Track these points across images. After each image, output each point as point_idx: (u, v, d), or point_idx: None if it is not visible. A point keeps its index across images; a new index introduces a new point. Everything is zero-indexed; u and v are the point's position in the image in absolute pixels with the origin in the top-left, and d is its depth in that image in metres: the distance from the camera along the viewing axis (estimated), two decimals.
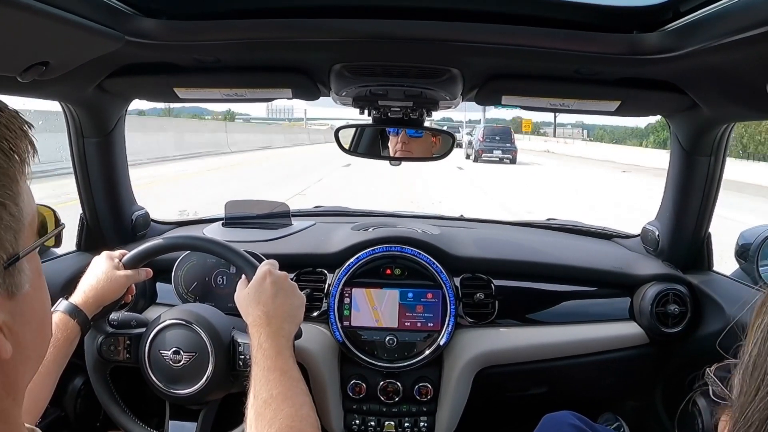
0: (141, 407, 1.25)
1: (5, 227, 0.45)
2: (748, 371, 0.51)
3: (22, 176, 0.47)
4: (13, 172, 0.46)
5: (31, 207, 0.49)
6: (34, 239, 0.50)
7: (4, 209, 0.44)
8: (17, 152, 0.46)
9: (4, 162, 0.45)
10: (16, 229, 0.46)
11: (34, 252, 0.50)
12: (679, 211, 1.46)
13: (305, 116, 73.44)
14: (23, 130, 0.47)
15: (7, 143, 0.45)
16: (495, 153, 21.62)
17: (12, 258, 0.46)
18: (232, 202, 1.73)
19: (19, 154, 0.46)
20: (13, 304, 0.47)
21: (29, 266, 0.49)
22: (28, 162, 0.47)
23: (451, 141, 1.51)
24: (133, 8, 0.90)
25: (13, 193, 0.45)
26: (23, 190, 0.47)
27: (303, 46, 1.04)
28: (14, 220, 0.46)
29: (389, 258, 1.45)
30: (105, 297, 1.13)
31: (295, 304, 1.07)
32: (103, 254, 1.19)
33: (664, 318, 1.42)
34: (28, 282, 0.48)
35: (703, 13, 0.80)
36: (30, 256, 0.49)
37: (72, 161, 1.47)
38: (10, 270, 0.46)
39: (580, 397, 1.68)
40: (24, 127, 0.47)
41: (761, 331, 0.52)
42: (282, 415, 0.85)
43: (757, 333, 0.52)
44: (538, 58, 1.02)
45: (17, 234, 0.46)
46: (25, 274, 0.48)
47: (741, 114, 1.22)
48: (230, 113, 60.20)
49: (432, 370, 1.45)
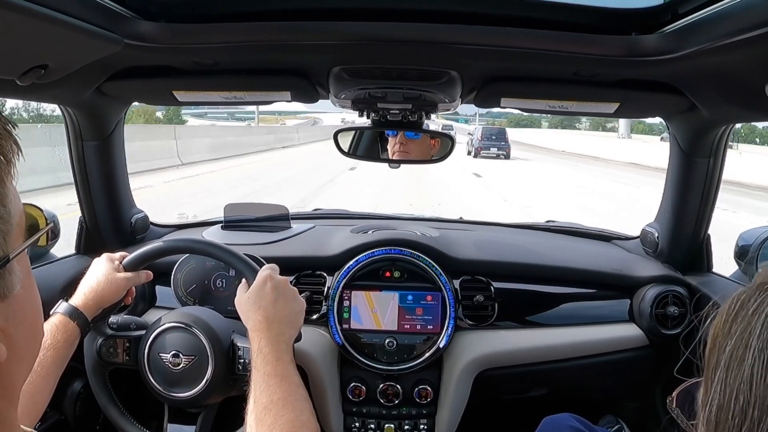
0: (140, 410, 1.25)
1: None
2: (711, 427, 0.45)
3: (8, 177, 0.46)
4: (0, 174, 0.45)
5: (18, 207, 0.48)
6: (22, 239, 0.49)
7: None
8: (2, 153, 0.45)
9: None
10: (5, 231, 0.45)
11: (23, 252, 0.49)
12: (678, 213, 1.46)
13: (256, 111, 54.22)
14: (7, 130, 0.46)
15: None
16: (492, 150, 24.21)
17: (2, 260, 0.45)
18: (231, 205, 1.73)
19: (4, 154, 0.45)
20: (5, 306, 0.47)
21: (19, 267, 0.48)
22: (14, 162, 0.46)
23: (450, 143, 1.51)
24: (132, 11, 0.90)
25: (0, 195, 0.45)
26: (9, 191, 0.46)
27: (302, 49, 1.04)
28: (2, 222, 0.45)
29: (389, 260, 1.45)
30: (105, 299, 1.13)
31: (296, 309, 1.07)
32: (104, 256, 1.19)
33: (663, 320, 1.42)
34: (19, 283, 0.48)
35: (701, 15, 0.80)
36: (20, 256, 0.48)
37: (71, 164, 1.47)
38: (1, 272, 0.45)
39: (579, 399, 1.68)
40: (8, 127, 0.46)
41: (718, 379, 0.45)
42: (282, 420, 0.85)
43: (715, 380, 0.45)
44: (537, 60, 1.02)
45: (6, 236, 0.46)
46: (15, 275, 0.47)
47: (740, 115, 1.23)
48: (174, 113, 43.85)
49: (432, 372, 1.44)
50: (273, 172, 15.60)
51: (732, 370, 0.44)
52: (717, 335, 0.47)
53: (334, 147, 1.50)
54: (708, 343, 0.48)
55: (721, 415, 0.44)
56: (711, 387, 0.46)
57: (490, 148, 24.15)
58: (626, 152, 26.63)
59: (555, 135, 42.65)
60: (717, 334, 0.48)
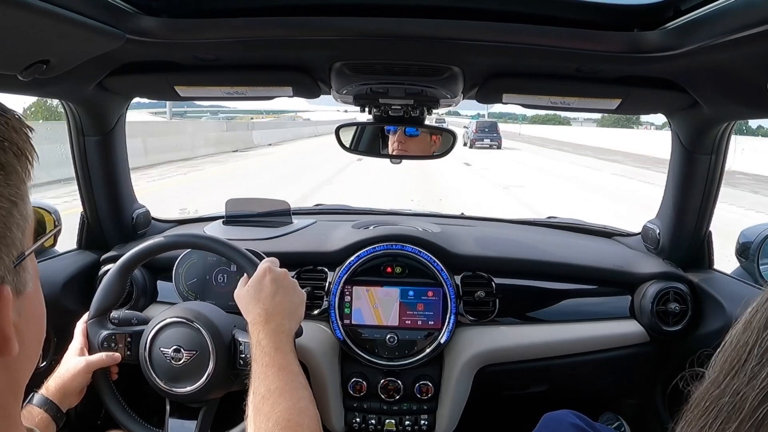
0: (141, 405, 1.25)
1: (16, 226, 0.46)
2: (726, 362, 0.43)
3: (28, 177, 0.48)
4: (23, 174, 0.47)
5: (30, 207, 0.50)
6: (33, 238, 0.51)
7: (15, 208, 0.46)
8: (25, 154, 0.47)
9: (15, 162, 0.46)
10: (24, 228, 0.47)
11: (32, 253, 0.51)
12: (679, 210, 1.46)
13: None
14: (25, 132, 0.48)
15: (17, 145, 0.46)
16: (485, 141, 27.48)
17: (20, 256, 0.47)
18: (232, 200, 1.73)
19: (27, 155, 0.47)
20: (19, 303, 0.48)
21: (31, 265, 0.50)
22: (32, 164, 0.48)
23: (452, 139, 1.51)
24: (134, 6, 0.90)
25: (22, 193, 0.47)
26: (28, 190, 0.48)
27: (304, 45, 1.04)
28: (23, 219, 0.47)
29: (390, 256, 1.45)
30: (67, 387, 1.11)
31: (295, 301, 1.07)
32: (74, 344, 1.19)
33: (664, 316, 1.43)
34: (31, 281, 0.50)
35: (703, 12, 0.79)
36: (30, 256, 0.50)
37: (72, 160, 1.48)
38: (17, 268, 0.47)
39: (580, 396, 1.68)
40: (26, 130, 0.48)
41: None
42: (279, 408, 0.85)
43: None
44: (538, 56, 1.02)
45: (24, 232, 0.47)
46: (29, 273, 0.49)
47: (741, 112, 1.22)
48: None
49: (432, 368, 1.45)
50: None
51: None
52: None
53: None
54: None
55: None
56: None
57: (483, 139, 27.30)
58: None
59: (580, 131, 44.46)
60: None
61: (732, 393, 0.41)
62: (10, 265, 0.46)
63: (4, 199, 0.45)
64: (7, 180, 0.45)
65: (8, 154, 0.45)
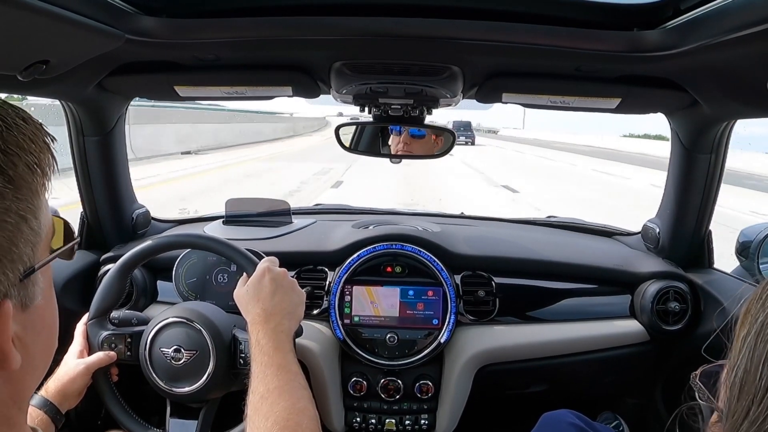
0: (141, 405, 1.25)
1: (25, 241, 0.45)
2: (735, 390, 0.48)
3: (44, 189, 0.47)
4: (36, 187, 0.46)
5: (48, 219, 0.49)
6: (48, 251, 0.50)
7: (25, 223, 0.45)
8: (40, 166, 0.46)
9: (28, 176, 0.45)
10: (34, 243, 0.46)
11: (48, 264, 0.50)
12: (679, 209, 1.46)
13: None
14: (46, 143, 0.47)
15: (32, 157, 0.45)
16: (461, 139, 32.47)
17: (28, 270, 0.46)
18: (232, 200, 1.73)
19: (42, 168, 0.46)
20: (25, 316, 0.47)
21: (43, 278, 0.49)
22: (49, 176, 0.47)
23: (452, 138, 1.51)
24: (133, 6, 0.90)
25: (34, 207, 0.46)
26: (42, 203, 0.47)
27: (303, 44, 1.04)
28: (33, 234, 0.46)
29: (390, 256, 1.45)
30: (66, 389, 1.11)
31: (295, 300, 1.07)
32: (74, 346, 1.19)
33: (664, 315, 1.43)
34: (40, 294, 0.49)
35: (703, 11, 0.79)
36: (44, 268, 0.49)
37: (72, 160, 1.47)
38: (25, 282, 0.46)
39: (580, 395, 1.68)
40: (47, 140, 0.47)
41: (747, 345, 0.48)
42: (278, 408, 0.85)
43: (743, 347, 0.48)
44: (538, 55, 1.02)
45: (35, 247, 0.46)
46: (38, 286, 0.48)
47: (741, 111, 1.22)
48: None
49: (433, 367, 1.45)
50: None
51: (762, 338, 0.47)
52: (750, 308, 0.50)
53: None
54: (740, 316, 0.51)
55: (747, 377, 0.46)
56: (739, 353, 0.49)
57: (459, 137, 32.10)
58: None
59: None
60: (750, 307, 0.51)
61: None
62: (14, 280, 0.44)
63: (13, 214, 0.43)
64: (17, 194, 0.44)
65: (19, 167, 0.44)
